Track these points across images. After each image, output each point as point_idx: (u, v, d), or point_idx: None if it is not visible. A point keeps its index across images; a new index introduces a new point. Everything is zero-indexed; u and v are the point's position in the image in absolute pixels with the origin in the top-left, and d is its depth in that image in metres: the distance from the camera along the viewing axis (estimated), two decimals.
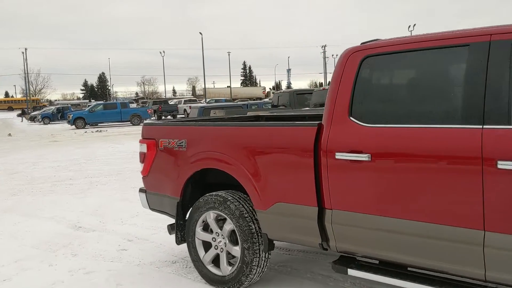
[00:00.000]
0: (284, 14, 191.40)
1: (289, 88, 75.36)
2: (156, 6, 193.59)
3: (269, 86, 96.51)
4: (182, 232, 3.97)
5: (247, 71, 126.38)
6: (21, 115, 50.62)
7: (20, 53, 73.83)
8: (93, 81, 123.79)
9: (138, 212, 6.32)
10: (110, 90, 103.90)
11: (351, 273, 2.93)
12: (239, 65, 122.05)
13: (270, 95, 42.64)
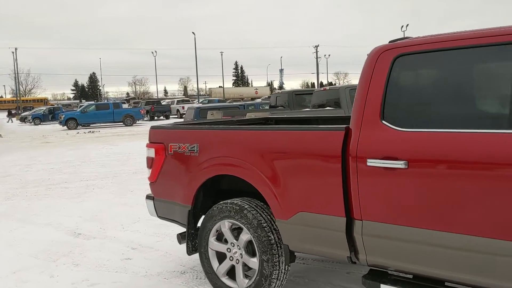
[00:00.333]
0: (282, 14, 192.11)
1: (281, 88, 75.16)
2: (147, 5, 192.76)
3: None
4: (193, 241, 3.74)
5: (239, 71, 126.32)
6: (8, 116, 49.91)
7: (10, 53, 72.97)
8: (83, 81, 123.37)
9: (139, 217, 6.08)
10: (101, 90, 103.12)
11: None
12: (231, 65, 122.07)
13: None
